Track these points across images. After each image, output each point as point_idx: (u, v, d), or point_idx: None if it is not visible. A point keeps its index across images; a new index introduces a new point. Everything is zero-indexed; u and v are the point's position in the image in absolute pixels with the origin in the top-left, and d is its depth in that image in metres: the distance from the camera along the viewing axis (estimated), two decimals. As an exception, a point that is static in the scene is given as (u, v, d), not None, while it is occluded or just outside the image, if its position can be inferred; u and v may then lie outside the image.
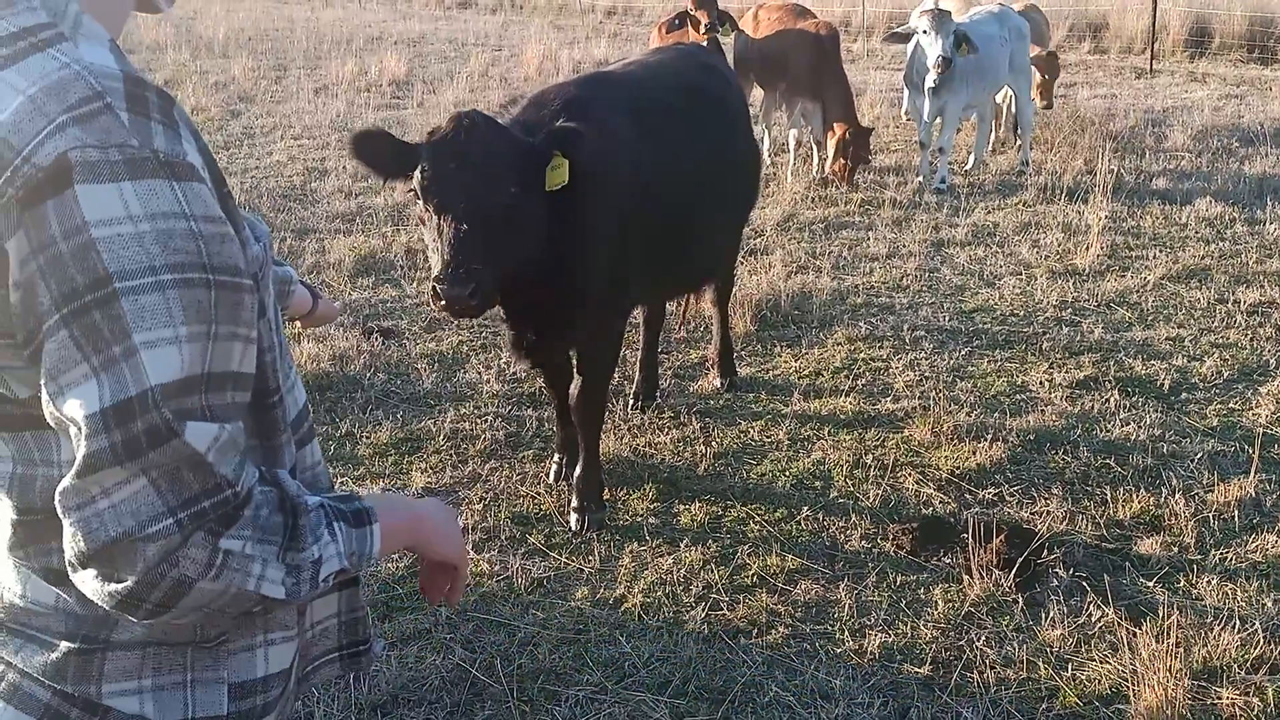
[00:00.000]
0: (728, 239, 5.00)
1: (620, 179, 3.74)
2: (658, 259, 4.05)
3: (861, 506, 4.22)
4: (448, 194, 3.16)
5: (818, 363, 5.59)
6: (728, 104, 4.65)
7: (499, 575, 3.79)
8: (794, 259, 7.16)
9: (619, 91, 4.07)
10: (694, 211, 4.20)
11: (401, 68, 14.38)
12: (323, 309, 2.21)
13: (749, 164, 4.85)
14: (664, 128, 4.02)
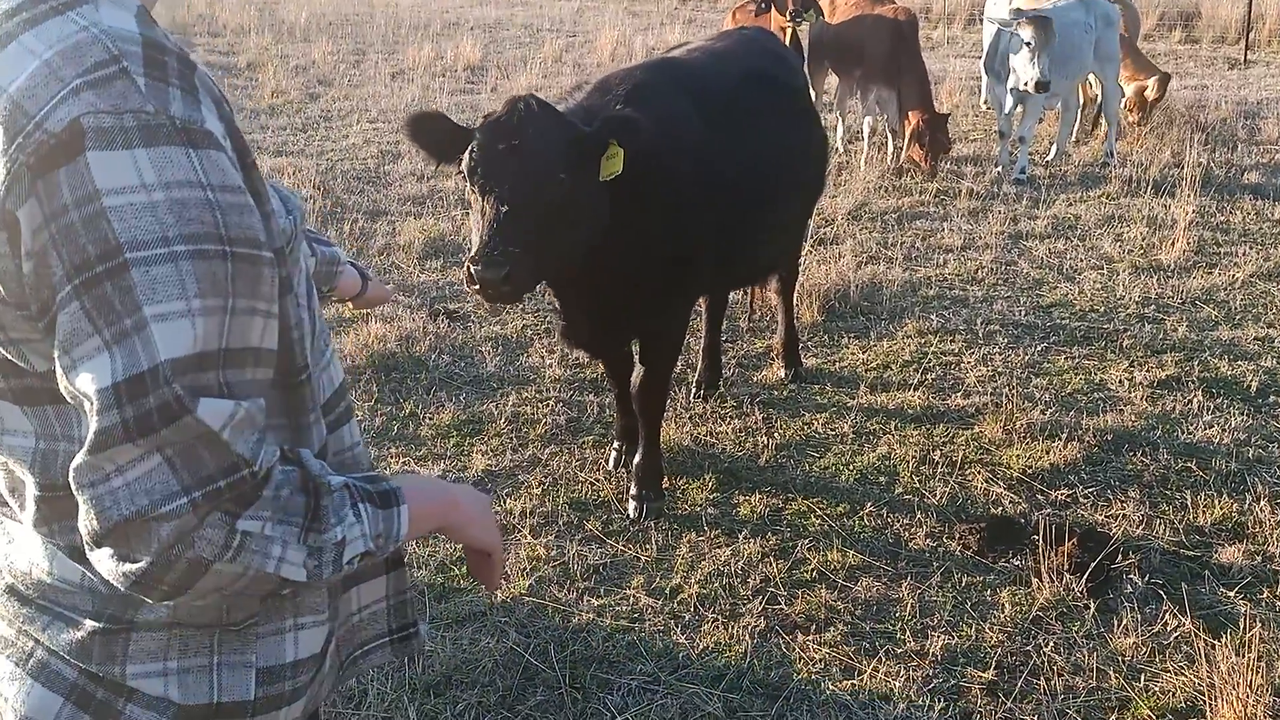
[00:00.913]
0: (795, 229, 4.89)
1: (685, 167, 3.65)
2: (723, 249, 3.95)
3: (927, 504, 4.10)
4: (493, 175, 3.10)
5: (886, 355, 5.46)
6: (796, 92, 4.55)
7: (555, 560, 3.76)
8: (865, 249, 7.02)
9: (686, 77, 3.98)
10: (761, 201, 4.09)
11: (476, 53, 14.44)
12: (373, 291, 2.17)
13: (817, 153, 4.73)
14: (731, 115, 3.92)
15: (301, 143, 9.88)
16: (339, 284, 2.04)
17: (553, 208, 3.11)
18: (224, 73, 13.27)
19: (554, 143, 3.11)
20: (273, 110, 11.23)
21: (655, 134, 3.46)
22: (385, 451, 4.52)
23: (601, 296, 3.67)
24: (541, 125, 3.12)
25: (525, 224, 3.05)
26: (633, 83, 3.70)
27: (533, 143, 3.07)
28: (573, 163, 3.15)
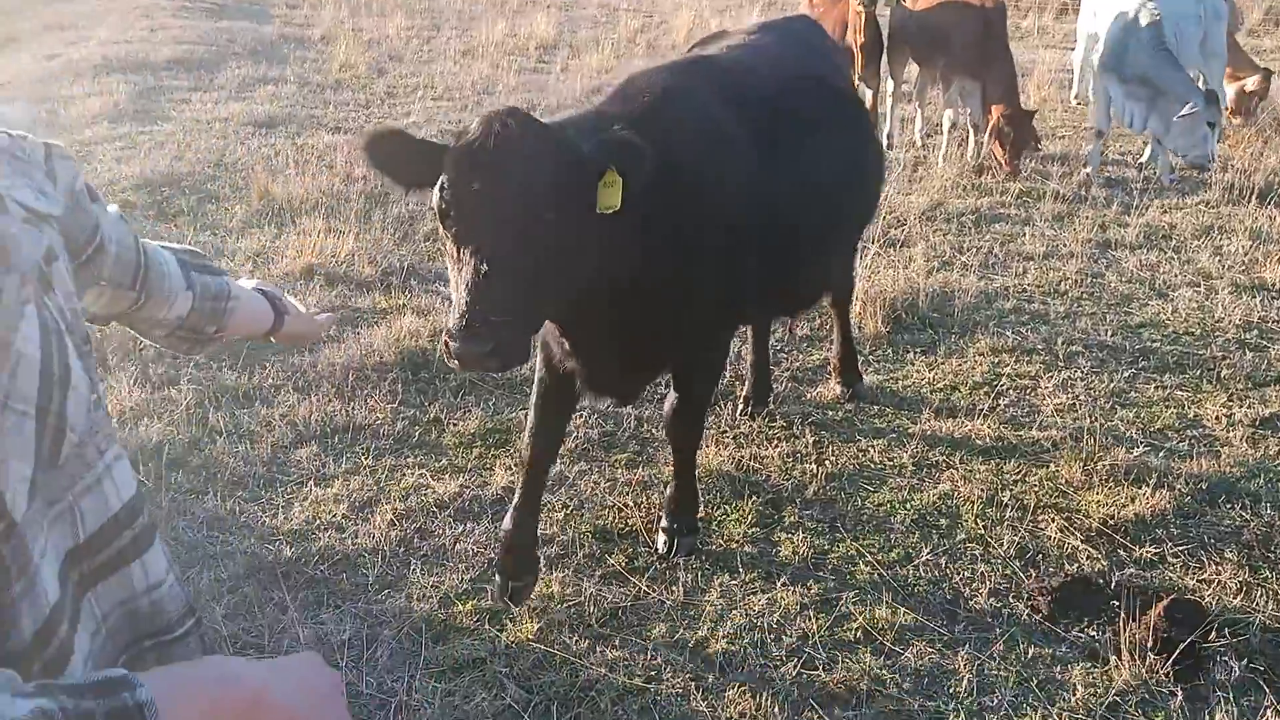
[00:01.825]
0: (848, 246, 4.40)
1: (724, 186, 3.18)
2: (769, 277, 3.46)
3: (993, 555, 3.66)
4: (469, 221, 2.51)
5: (955, 375, 4.99)
6: (845, 95, 4.04)
7: (570, 600, 3.40)
8: (937, 253, 6.51)
9: (722, 80, 3.46)
10: (813, 220, 3.57)
11: (550, 31, 14.13)
12: (293, 325, 1.82)
13: (871, 161, 4.20)
14: (777, 124, 3.43)
15: (362, 119, 9.63)
16: (230, 322, 1.68)
17: (544, 257, 2.54)
18: (296, 45, 13.12)
19: (541, 174, 2.52)
20: (338, 85, 11.02)
21: (688, 149, 3.03)
22: (403, 461, 4.20)
23: (621, 337, 3.14)
24: (524, 152, 2.52)
25: (511, 285, 2.48)
26: (661, 87, 3.17)
27: (513, 178, 2.49)
28: (564, 196, 2.55)
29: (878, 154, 4.32)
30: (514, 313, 2.47)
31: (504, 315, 2.44)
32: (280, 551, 3.62)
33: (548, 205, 2.51)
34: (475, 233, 2.49)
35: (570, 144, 2.63)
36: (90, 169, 7.80)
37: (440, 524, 3.79)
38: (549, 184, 2.51)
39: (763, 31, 4.09)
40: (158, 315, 1.56)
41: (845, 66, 4.44)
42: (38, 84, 10.33)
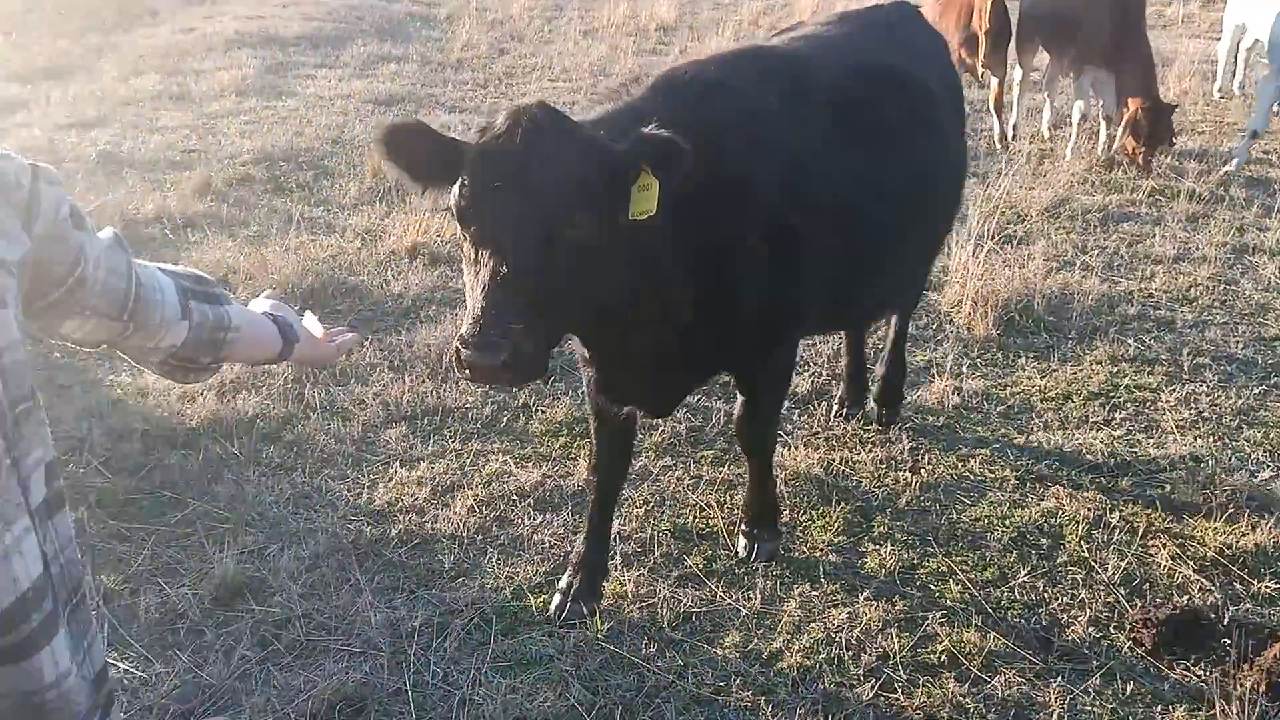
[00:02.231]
0: (917, 253, 3.91)
1: (773, 189, 2.93)
2: (826, 281, 3.18)
3: (1095, 580, 3.43)
4: (488, 222, 2.35)
5: (1068, 384, 4.72)
6: (927, 90, 3.63)
7: (644, 601, 3.32)
8: (1058, 252, 6.19)
9: (777, 73, 3.17)
10: (872, 221, 3.27)
11: (671, 13, 14.01)
12: (303, 352, 1.77)
13: (953, 164, 3.82)
14: (837, 120, 3.16)
15: (478, 99, 9.70)
16: (231, 354, 1.63)
17: (567, 264, 2.37)
18: (422, 23, 13.31)
19: (567, 175, 2.34)
20: (459, 64, 11.12)
21: (732, 148, 2.81)
22: (488, 446, 4.18)
23: (650, 349, 2.91)
24: (550, 151, 2.34)
25: (530, 292, 2.30)
26: (706, 79, 2.94)
27: (538, 177, 2.31)
28: (592, 198, 2.37)
29: (956, 152, 3.88)
30: (533, 322, 2.30)
31: (520, 322, 2.27)
32: (361, 532, 3.64)
33: (575, 208, 2.34)
34: (494, 234, 2.33)
35: (601, 143, 2.46)
36: (214, 142, 8.04)
37: (520, 513, 3.76)
38: (576, 185, 2.34)
39: (841, 21, 3.83)
40: (148, 344, 1.52)
41: (936, 57, 3.98)
42: (172, 57, 10.70)
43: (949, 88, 3.83)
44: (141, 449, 4.11)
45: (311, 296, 5.39)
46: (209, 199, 6.82)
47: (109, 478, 3.95)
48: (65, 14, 12.52)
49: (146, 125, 8.48)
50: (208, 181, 7.00)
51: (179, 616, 3.27)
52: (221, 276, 5.48)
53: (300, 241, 5.98)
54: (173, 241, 6.14)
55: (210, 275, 1.71)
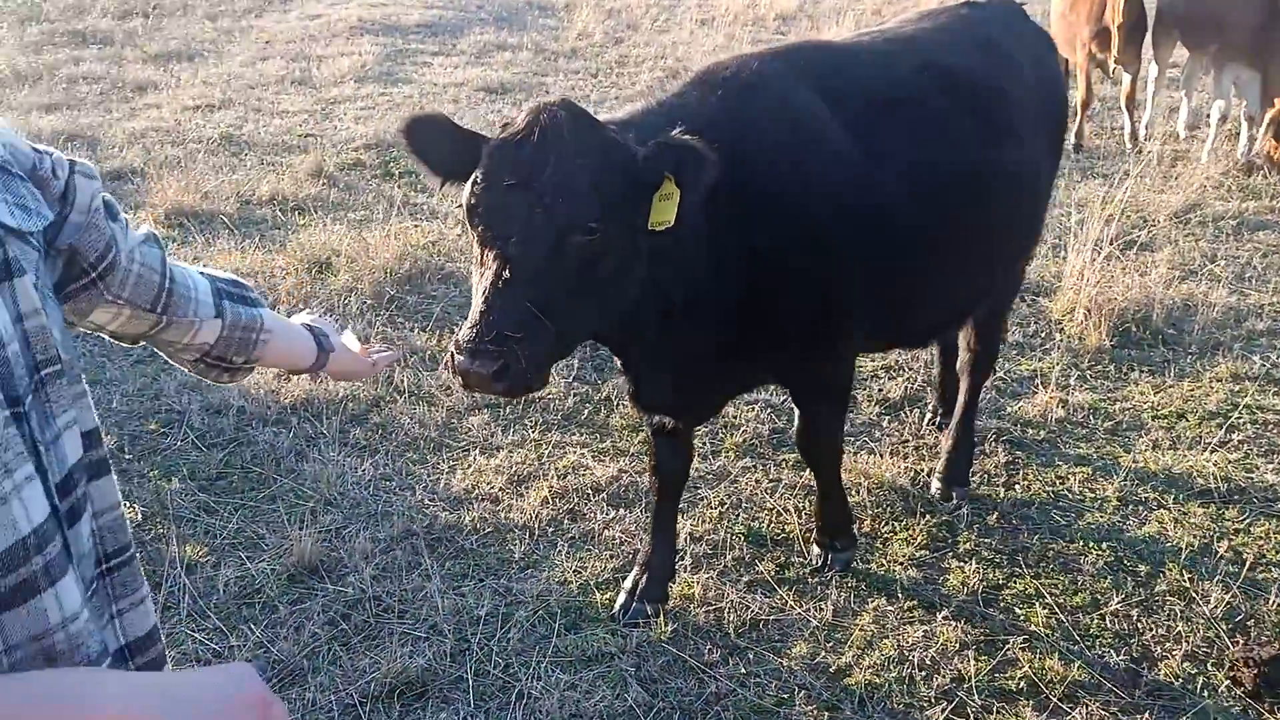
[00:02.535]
0: (986, 271, 3.51)
1: (812, 193, 2.77)
2: (881, 297, 3.00)
3: (1195, 613, 3.21)
4: (496, 222, 2.25)
5: (1184, 401, 4.44)
6: (999, 91, 3.32)
7: (710, 605, 3.24)
8: (1185, 260, 5.84)
9: (826, 71, 2.99)
10: (928, 236, 3.04)
11: (791, 2, 13.80)
12: (338, 365, 1.79)
13: (1027, 174, 3.43)
14: (889, 122, 2.96)
15: (588, 88, 9.70)
16: (263, 354, 1.64)
17: (578, 272, 2.25)
18: (540, 11, 13.41)
19: (582, 177, 2.23)
20: (574, 53, 11.16)
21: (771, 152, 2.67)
22: (568, 438, 4.16)
23: (689, 363, 2.80)
24: (567, 151, 2.22)
25: (533, 300, 2.18)
26: (748, 76, 2.77)
27: (551, 177, 2.20)
28: (609, 204, 2.25)
29: (1033, 161, 3.45)
30: (534, 331, 2.19)
31: (519, 331, 2.16)
32: (435, 518, 3.66)
33: (588, 212, 2.22)
34: (502, 234, 2.23)
35: (623, 146, 2.34)
36: (330, 126, 8.24)
37: (593, 507, 3.72)
38: (591, 188, 2.23)
39: (923, 18, 3.60)
40: (181, 340, 1.56)
41: (1031, 59, 3.61)
42: (297, 42, 11.02)
43: (1036, 91, 3.51)
44: (235, 425, 4.22)
45: (409, 281, 5.46)
46: (320, 182, 6.97)
47: (203, 451, 4.06)
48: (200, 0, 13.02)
49: (268, 109, 8.74)
50: (320, 165, 7.16)
51: (256, 591, 3.34)
52: (324, 259, 5.60)
53: (402, 227, 6.07)
54: (283, 223, 6.30)
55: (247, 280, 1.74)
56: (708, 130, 2.44)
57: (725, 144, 2.48)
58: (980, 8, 3.71)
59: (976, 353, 3.83)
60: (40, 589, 1.05)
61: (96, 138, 7.79)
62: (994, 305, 3.75)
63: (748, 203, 2.62)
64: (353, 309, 5.14)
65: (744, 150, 2.61)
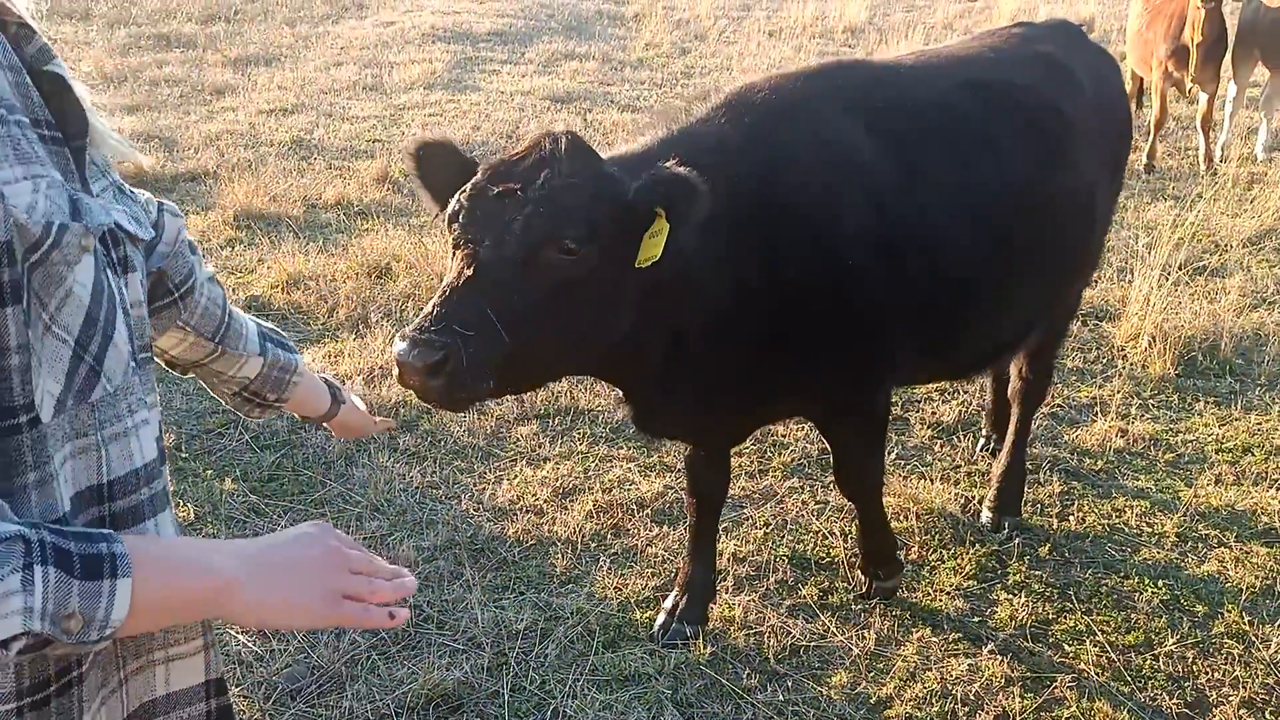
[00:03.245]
0: (1035, 308, 3.38)
1: (846, 223, 2.70)
2: (919, 329, 2.91)
3: (1255, 658, 3.10)
4: (474, 226, 2.18)
5: (1250, 435, 4.30)
6: (1065, 118, 3.22)
7: (751, 628, 3.21)
8: (1257, 287, 5.67)
9: (868, 91, 2.91)
10: (977, 262, 2.96)
11: (861, 14, 13.69)
12: (346, 416, 1.90)
13: (1082, 201, 3.29)
14: (936, 147, 2.88)
15: (652, 99, 9.72)
16: (291, 396, 1.81)
17: (548, 292, 2.17)
18: (609, 21, 13.48)
19: (573, 199, 2.17)
20: (640, 63, 11.20)
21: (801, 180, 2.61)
22: (615, 451, 4.15)
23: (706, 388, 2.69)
24: (563, 173, 2.19)
25: (492, 304, 2.08)
26: (781, 98, 2.70)
27: (541, 192, 2.16)
28: (596, 231, 2.19)
29: (1090, 185, 3.31)
30: (486, 336, 2.06)
31: (470, 328, 2.04)
32: (480, 528, 3.67)
33: (571, 230, 2.15)
34: (476, 237, 2.16)
35: (619, 181, 2.26)
36: (398, 132, 8.36)
37: (637, 523, 3.71)
38: (579, 209, 2.17)
39: (978, 37, 3.54)
40: (228, 372, 1.72)
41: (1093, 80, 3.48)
42: (370, 49, 11.20)
43: (1097, 111, 3.39)
44: (289, 427, 4.28)
45: (466, 289, 5.50)
46: (385, 188, 7.07)
47: (256, 452, 4.13)
48: (280, 5, 13.30)
49: (340, 114, 8.89)
50: (386, 171, 7.26)
51: (301, 594, 3.37)
52: (385, 264, 5.67)
53: (462, 234, 6.11)
54: (347, 227, 6.40)
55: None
56: (733, 158, 2.41)
57: (751, 172, 2.45)
58: (1038, 27, 3.63)
59: (1028, 381, 3.74)
60: (144, 516, 1.22)
61: (174, 139, 7.99)
62: (1047, 333, 3.64)
63: (776, 232, 2.57)
64: (410, 315, 5.19)
65: (773, 178, 2.56)
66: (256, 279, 5.64)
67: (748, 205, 2.52)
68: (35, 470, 1.07)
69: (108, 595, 1.01)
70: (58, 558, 0.99)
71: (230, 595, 1.12)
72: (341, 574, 1.20)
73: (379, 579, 1.22)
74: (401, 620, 1.21)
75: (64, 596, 0.98)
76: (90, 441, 1.15)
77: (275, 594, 1.14)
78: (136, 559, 1.04)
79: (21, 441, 1.05)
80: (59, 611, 0.98)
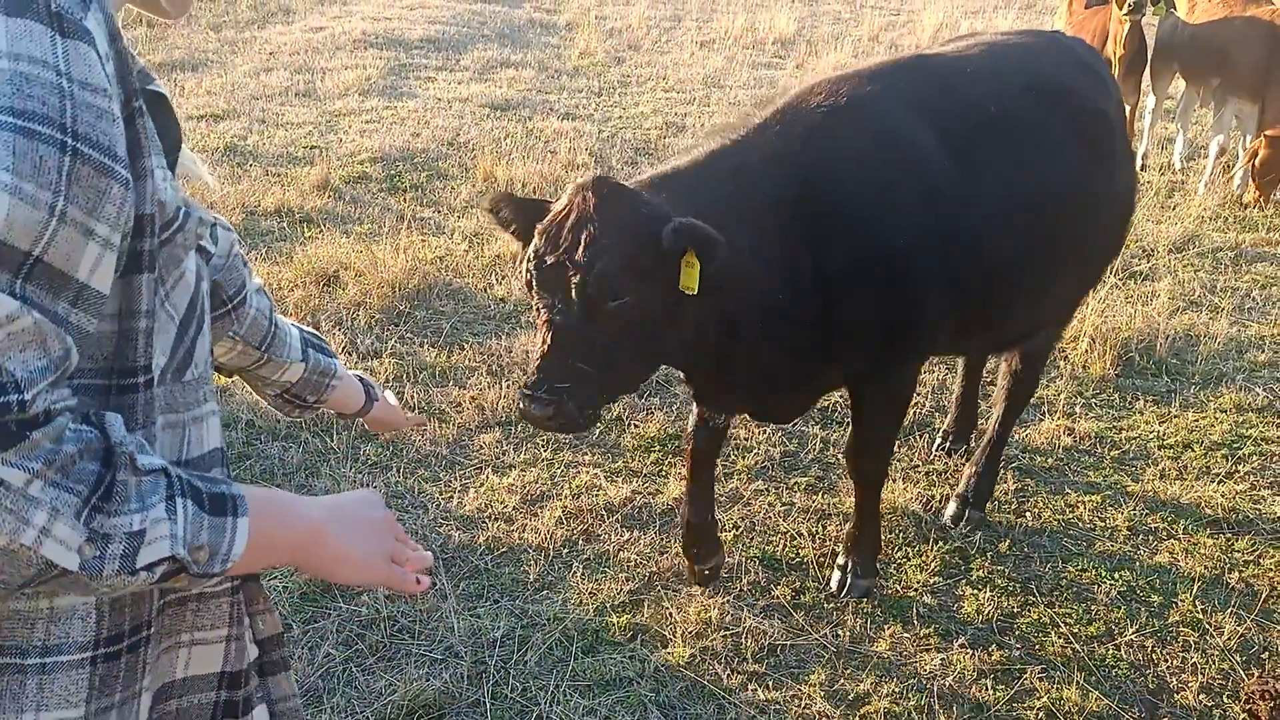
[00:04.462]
0: (1064, 295, 3.66)
1: (910, 215, 2.90)
2: (965, 312, 3.13)
3: (1209, 645, 3.23)
4: (544, 292, 2.59)
5: (1189, 432, 4.48)
6: (1107, 119, 3.48)
7: (727, 630, 3.25)
8: (1185, 291, 5.90)
9: (928, 90, 3.10)
10: (1023, 256, 3.20)
11: (790, 26, 13.89)
12: (379, 412, 1.98)
13: (1119, 199, 3.59)
14: (993, 144, 3.07)
15: (591, 107, 9.74)
16: (330, 398, 1.87)
17: (620, 329, 2.56)
18: (542, 30, 13.46)
19: (612, 258, 2.49)
20: (575, 71, 11.20)
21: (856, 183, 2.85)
22: (580, 457, 4.16)
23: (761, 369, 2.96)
24: (601, 231, 2.50)
25: (577, 356, 2.54)
26: (843, 100, 2.90)
27: (586, 256, 2.49)
28: (640, 274, 2.52)
29: (1120, 185, 3.58)
30: (581, 381, 2.52)
31: (567, 382, 2.51)
32: (449, 537, 3.65)
33: (616, 288, 2.50)
34: (548, 303, 2.57)
35: (653, 220, 2.53)
36: (335, 139, 8.24)
37: (607, 528, 3.72)
38: (620, 264, 2.49)
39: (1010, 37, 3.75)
40: (272, 377, 1.79)
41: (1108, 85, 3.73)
42: (300, 54, 11.02)
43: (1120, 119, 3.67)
44: (245, 438, 4.20)
45: (417, 296, 5.46)
46: (327, 195, 6.97)
47: (212, 465, 4.04)
48: (203, 10, 13.02)
49: (273, 120, 8.73)
50: (326, 178, 7.16)
51: (269, 608, 3.31)
52: (332, 272, 5.59)
53: (410, 241, 6.07)
54: (290, 235, 6.29)
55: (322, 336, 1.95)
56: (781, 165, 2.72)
57: (799, 176, 2.75)
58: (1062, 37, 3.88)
59: (1020, 379, 3.85)
60: None
61: (100, 146, 7.76)
62: (1048, 334, 3.86)
63: (826, 229, 2.78)
64: (361, 323, 5.13)
65: (822, 179, 2.80)
66: (199, 288, 5.51)
67: (796, 208, 2.79)
68: (143, 430, 1.14)
69: (230, 531, 1.09)
70: (193, 493, 1.07)
71: (321, 542, 1.22)
72: (393, 538, 1.31)
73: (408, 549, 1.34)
74: (426, 586, 1.32)
75: (198, 529, 1.07)
76: (178, 419, 1.25)
77: (353, 548, 1.24)
78: (251, 501, 1.13)
79: (137, 400, 1.13)
80: (193, 542, 1.06)
